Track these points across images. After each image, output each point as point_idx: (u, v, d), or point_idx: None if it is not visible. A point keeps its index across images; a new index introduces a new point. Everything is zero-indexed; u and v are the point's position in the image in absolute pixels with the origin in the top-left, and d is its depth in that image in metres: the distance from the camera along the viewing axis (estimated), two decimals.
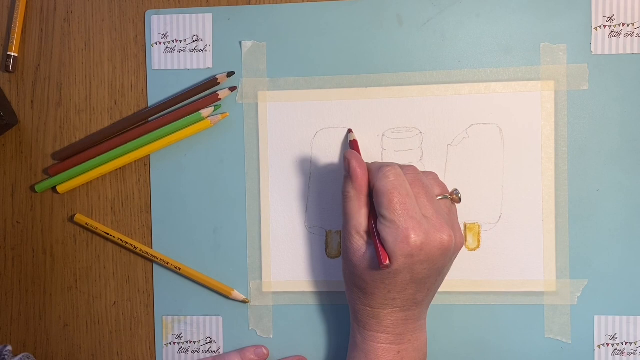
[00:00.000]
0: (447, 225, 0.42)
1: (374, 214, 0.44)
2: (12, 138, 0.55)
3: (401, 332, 0.44)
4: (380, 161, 0.49)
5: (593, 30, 0.50)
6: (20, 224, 0.55)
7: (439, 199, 0.44)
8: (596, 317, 0.50)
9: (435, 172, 0.48)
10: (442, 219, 0.42)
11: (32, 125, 0.55)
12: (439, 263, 0.42)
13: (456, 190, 0.47)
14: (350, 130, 0.51)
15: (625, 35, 0.50)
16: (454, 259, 0.45)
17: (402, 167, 0.44)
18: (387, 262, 0.41)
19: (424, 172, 0.47)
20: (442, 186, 0.46)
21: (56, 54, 0.54)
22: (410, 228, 0.40)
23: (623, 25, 0.50)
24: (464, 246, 0.51)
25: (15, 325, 0.55)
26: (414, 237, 0.40)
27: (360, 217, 0.43)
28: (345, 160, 0.45)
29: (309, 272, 0.53)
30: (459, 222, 0.51)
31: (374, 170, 0.44)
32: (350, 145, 0.50)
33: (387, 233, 0.41)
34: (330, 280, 0.52)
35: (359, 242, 0.43)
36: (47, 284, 0.55)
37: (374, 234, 0.42)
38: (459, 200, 0.46)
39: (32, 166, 0.55)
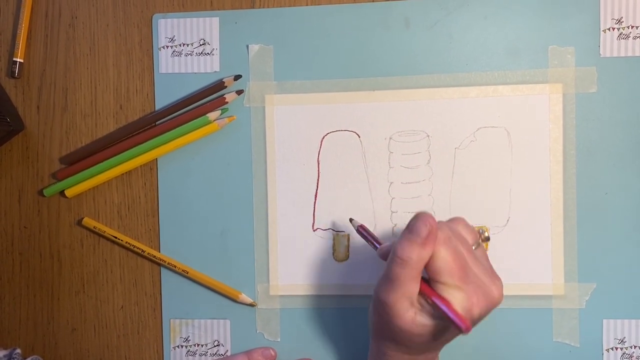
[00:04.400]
0: (494, 278, 0.41)
1: (424, 279, 0.41)
2: (18, 144, 0.55)
3: None
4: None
5: (602, 33, 0.50)
6: (28, 228, 0.55)
7: (474, 249, 0.42)
8: (605, 321, 0.50)
9: (463, 217, 0.44)
10: (487, 274, 0.41)
11: (38, 131, 0.54)
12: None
13: (481, 230, 0.44)
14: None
15: (634, 38, 0.49)
16: None
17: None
18: (468, 324, 0.38)
19: (453, 220, 0.43)
20: (473, 232, 0.43)
21: (61, 59, 0.54)
22: (472, 292, 0.39)
23: (632, 27, 0.49)
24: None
25: (24, 329, 0.55)
26: (476, 304, 0.39)
27: (413, 285, 0.40)
28: (421, 222, 0.39)
29: (316, 276, 0.53)
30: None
31: None
32: (359, 229, 0.49)
33: (452, 300, 0.39)
34: (337, 283, 0.52)
35: (410, 310, 0.40)
36: (55, 288, 0.55)
37: (441, 300, 0.39)
38: (488, 240, 0.44)
39: (39, 171, 0.55)
